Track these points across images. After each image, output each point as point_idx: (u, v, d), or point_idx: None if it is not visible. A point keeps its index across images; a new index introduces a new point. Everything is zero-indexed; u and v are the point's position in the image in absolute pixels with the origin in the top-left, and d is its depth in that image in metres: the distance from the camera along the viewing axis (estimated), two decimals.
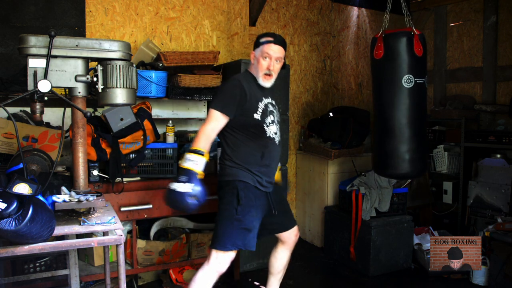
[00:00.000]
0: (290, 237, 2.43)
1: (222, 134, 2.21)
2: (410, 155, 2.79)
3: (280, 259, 2.48)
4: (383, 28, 2.82)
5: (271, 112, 2.25)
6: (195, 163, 2.00)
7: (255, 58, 2.24)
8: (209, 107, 2.17)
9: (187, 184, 1.95)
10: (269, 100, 2.27)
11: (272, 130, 2.23)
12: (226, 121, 2.12)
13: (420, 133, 2.86)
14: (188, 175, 1.97)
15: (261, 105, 2.19)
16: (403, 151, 2.79)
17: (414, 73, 2.74)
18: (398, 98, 2.76)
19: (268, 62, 2.18)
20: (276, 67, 2.21)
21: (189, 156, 2.01)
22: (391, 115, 2.79)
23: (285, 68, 2.33)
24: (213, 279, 2.15)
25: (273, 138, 2.23)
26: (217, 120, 2.11)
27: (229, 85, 2.18)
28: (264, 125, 2.19)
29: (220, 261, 2.13)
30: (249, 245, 2.16)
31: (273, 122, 2.25)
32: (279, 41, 2.20)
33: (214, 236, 2.18)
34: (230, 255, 2.15)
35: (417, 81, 2.74)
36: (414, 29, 2.74)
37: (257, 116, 2.16)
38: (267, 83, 2.22)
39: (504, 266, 2.93)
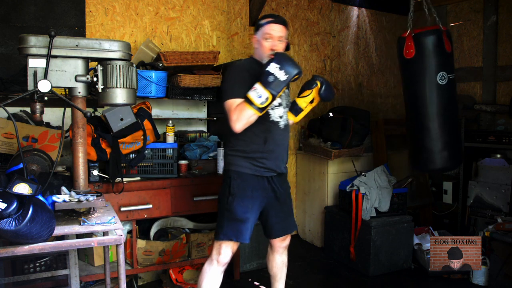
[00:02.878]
0: (276, 240, 2.36)
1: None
2: (448, 149, 2.87)
3: (270, 261, 2.44)
4: (409, 27, 2.82)
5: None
6: (254, 90, 1.96)
7: (257, 42, 2.18)
8: (222, 100, 2.10)
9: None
10: None
11: (277, 113, 2.18)
12: None
13: (455, 127, 2.95)
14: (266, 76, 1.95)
15: None
16: (441, 146, 2.85)
17: (446, 69, 2.78)
18: (434, 95, 2.80)
19: (270, 43, 2.12)
20: (280, 47, 2.15)
21: (254, 97, 1.95)
22: (427, 112, 2.82)
23: (288, 49, 2.27)
24: (216, 269, 2.17)
25: (277, 122, 2.18)
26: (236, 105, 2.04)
27: (233, 70, 2.17)
28: (269, 108, 2.13)
29: (219, 251, 2.16)
30: (242, 238, 2.13)
31: (280, 105, 2.19)
32: (280, 20, 2.16)
33: (216, 226, 2.24)
34: (228, 245, 2.15)
35: (450, 77, 2.80)
36: (441, 26, 2.76)
37: None
38: None
39: (504, 266, 2.93)
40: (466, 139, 3.95)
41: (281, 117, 2.20)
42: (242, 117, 1.99)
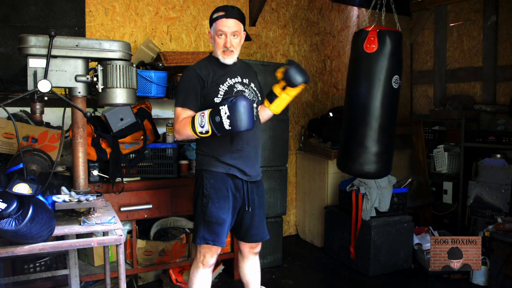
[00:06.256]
0: (246, 247, 2.30)
1: None
2: (385, 154, 2.75)
3: (241, 269, 2.38)
4: (375, 23, 2.80)
5: (240, 92, 2.11)
6: (201, 116, 1.91)
7: (211, 38, 2.11)
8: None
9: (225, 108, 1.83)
10: (238, 79, 2.12)
11: None
12: (192, 114, 2.02)
13: (394, 134, 2.85)
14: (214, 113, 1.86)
15: (223, 87, 2.06)
16: (381, 149, 2.73)
17: (399, 74, 2.72)
18: (384, 97, 2.69)
19: (223, 39, 2.04)
20: (235, 42, 2.06)
21: (197, 122, 1.90)
22: (373, 112, 2.72)
23: (249, 39, 2.19)
24: (202, 272, 2.14)
25: None
26: (183, 116, 2.03)
27: (184, 77, 2.09)
28: None
29: (202, 253, 2.12)
30: (219, 241, 2.07)
31: None
32: (233, 13, 2.04)
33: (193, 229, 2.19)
34: (211, 248, 2.10)
35: (400, 83, 2.73)
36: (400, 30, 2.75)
37: (217, 100, 2.03)
38: (228, 59, 2.08)
39: (504, 266, 2.93)
40: (466, 139, 3.95)
41: None
42: (182, 132, 1.99)
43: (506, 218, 3.33)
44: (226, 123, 1.83)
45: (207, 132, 1.89)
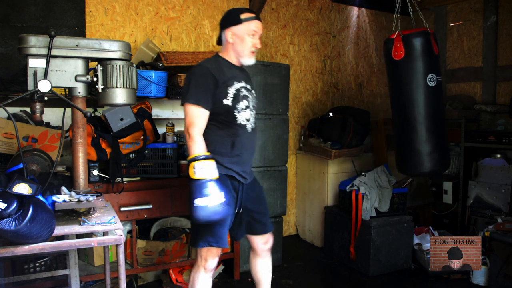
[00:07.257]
0: (257, 243, 2.30)
1: None
2: (438, 152, 2.86)
3: (253, 266, 2.37)
4: (398, 29, 2.82)
5: (245, 97, 2.11)
6: (207, 168, 1.91)
7: (235, 36, 2.09)
8: (182, 99, 2.03)
9: (212, 194, 1.86)
10: (243, 84, 2.13)
11: (244, 116, 2.09)
12: (206, 113, 2.00)
13: (443, 130, 2.95)
14: (208, 186, 1.87)
15: (231, 90, 2.06)
16: (431, 149, 2.84)
17: (435, 71, 2.78)
18: (423, 97, 2.78)
19: (256, 40, 2.11)
20: (260, 44, 2.15)
21: (196, 164, 1.90)
22: (417, 115, 2.81)
23: None
24: (205, 276, 2.12)
25: (245, 125, 2.10)
26: (197, 116, 1.98)
27: (197, 74, 2.03)
28: (235, 111, 2.05)
29: (204, 258, 2.10)
30: (222, 242, 2.06)
31: (246, 107, 2.10)
32: (259, 17, 2.14)
33: (190, 233, 2.14)
34: (213, 250, 2.09)
35: (438, 79, 2.80)
36: (428, 28, 2.77)
37: (227, 102, 2.03)
38: (253, 60, 2.15)
39: (504, 266, 2.93)
40: (466, 139, 3.95)
41: (248, 120, 2.12)
42: (192, 137, 1.96)
43: (506, 218, 3.32)
44: (202, 202, 1.85)
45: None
